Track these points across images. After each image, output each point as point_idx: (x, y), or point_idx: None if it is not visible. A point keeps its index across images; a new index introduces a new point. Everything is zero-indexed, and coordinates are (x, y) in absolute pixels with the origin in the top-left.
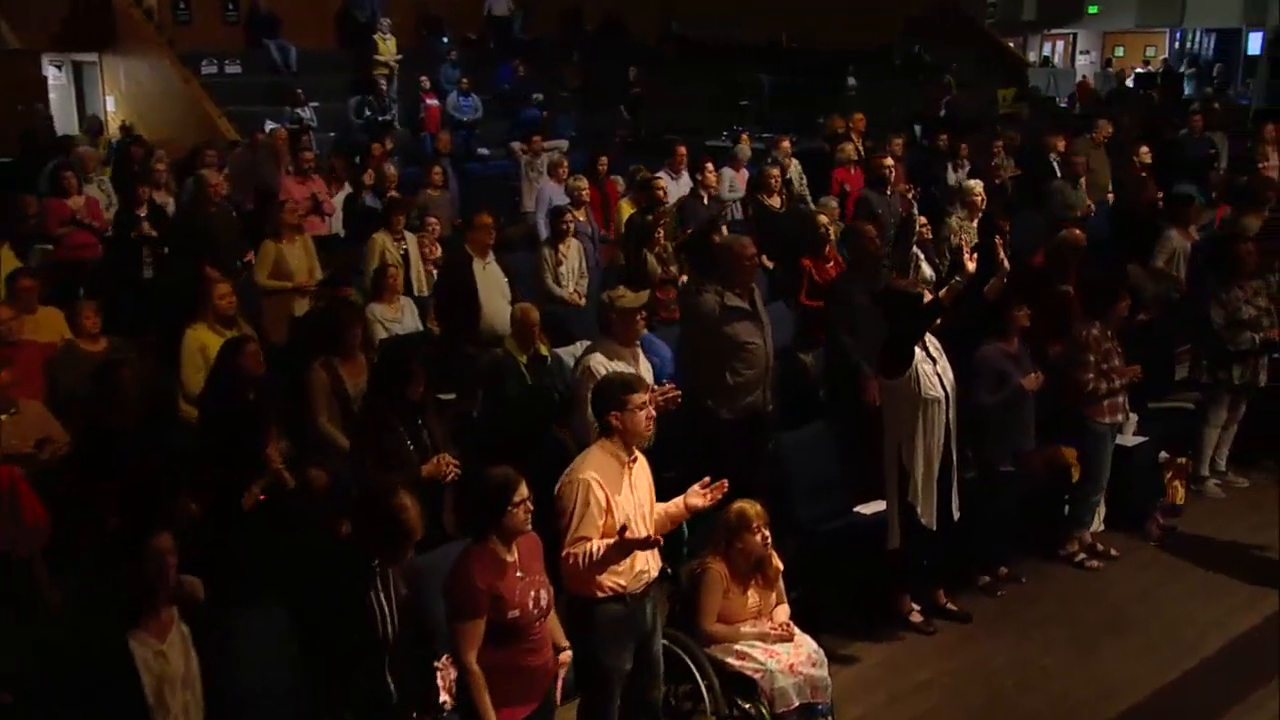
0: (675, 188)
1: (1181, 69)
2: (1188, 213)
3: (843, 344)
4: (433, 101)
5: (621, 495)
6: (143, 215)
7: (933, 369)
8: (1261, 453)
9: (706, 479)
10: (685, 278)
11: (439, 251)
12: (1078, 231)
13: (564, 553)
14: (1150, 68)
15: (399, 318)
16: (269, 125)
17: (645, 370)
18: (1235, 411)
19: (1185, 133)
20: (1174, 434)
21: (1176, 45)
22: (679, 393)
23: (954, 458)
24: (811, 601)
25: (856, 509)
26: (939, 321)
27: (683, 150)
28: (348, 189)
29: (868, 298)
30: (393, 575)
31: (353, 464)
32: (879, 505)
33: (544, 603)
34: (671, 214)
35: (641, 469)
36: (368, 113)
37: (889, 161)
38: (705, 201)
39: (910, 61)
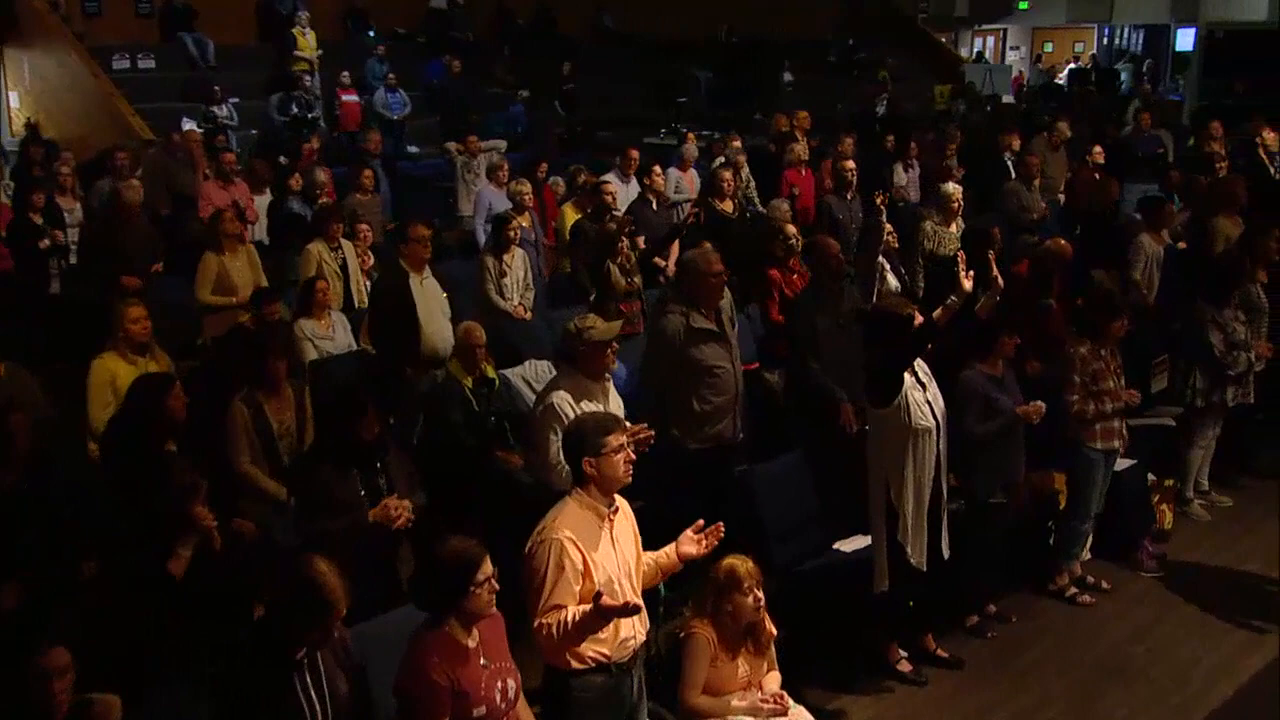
0: (625, 192)
1: (1117, 65)
2: (1161, 216)
3: (808, 368)
4: (350, 98)
5: (601, 552)
6: (39, 223)
7: (922, 396)
8: (1236, 470)
9: (700, 522)
10: None
11: (372, 260)
12: (1063, 241)
13: (536, 623)
14: (1080, 63)
15: (330, 334)
16: (186, 124)
17: (616, 405)
18: (1217, 429)
19: (1130, 130)
20: (1158, 454)
21: (1105, 41)
22: (651, 433)
23: (944, 491)
24: (791, 649)
25: (835, 546)
26: (931, 346)
27: (634, 153)
28: (270, 195)
29: (831, 318)
30: (324, 663)
31: (294, 513)
32: (859, 541)
33: (512, 694)
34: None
35: (624, 518)
36: (294, 110)
37: (850, 165)
38: (655, 207)
39: (845, 57)
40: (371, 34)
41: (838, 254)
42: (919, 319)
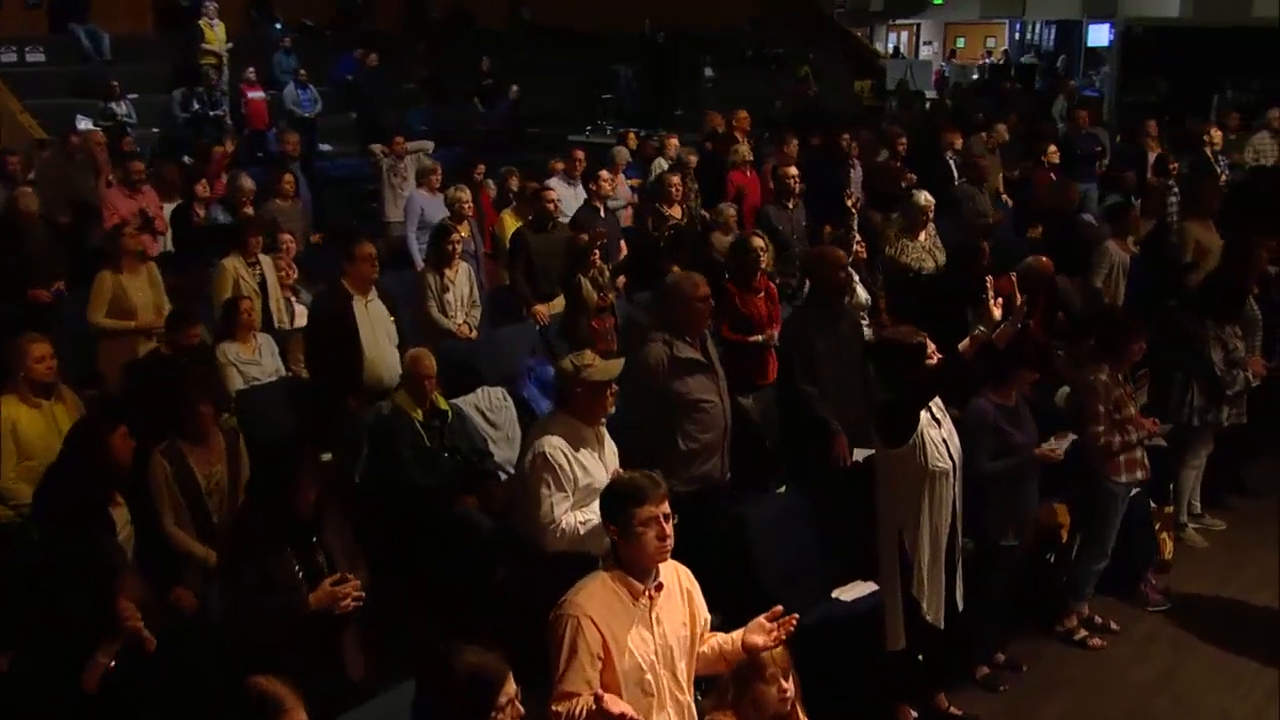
0: (572, 196)
1: (1022, 59)
2: (1126, 222)
3: (804, 396)
4: (256, 94)
5: (634, 634)
6: None
7: (939, 434)
8: (1224, 490)
9: (778, 609)
10: None
11: (296, 274)
12: (1045, 259)
13: (551, 706)
14: (993, 58)
15: (256, 358)
16: (81, 122)
17: (611, 453)
18: (1209, 448)
19: (1068, 128)
20: (1155, 478)
21: (1016, 36)
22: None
23: (959, 538)
24: None
25: (835, 594)
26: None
27: (580, 154)
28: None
29: (830, 339)
30: None
31: (223, 592)
32: (860, 588)
33: None
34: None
35: (674, 594)
36: (196, 106)
37: (794, 171)
38: (603, 214)
39: (762, 52)
40: (278, 26)
41: (842, 265)
42: (932, 348)
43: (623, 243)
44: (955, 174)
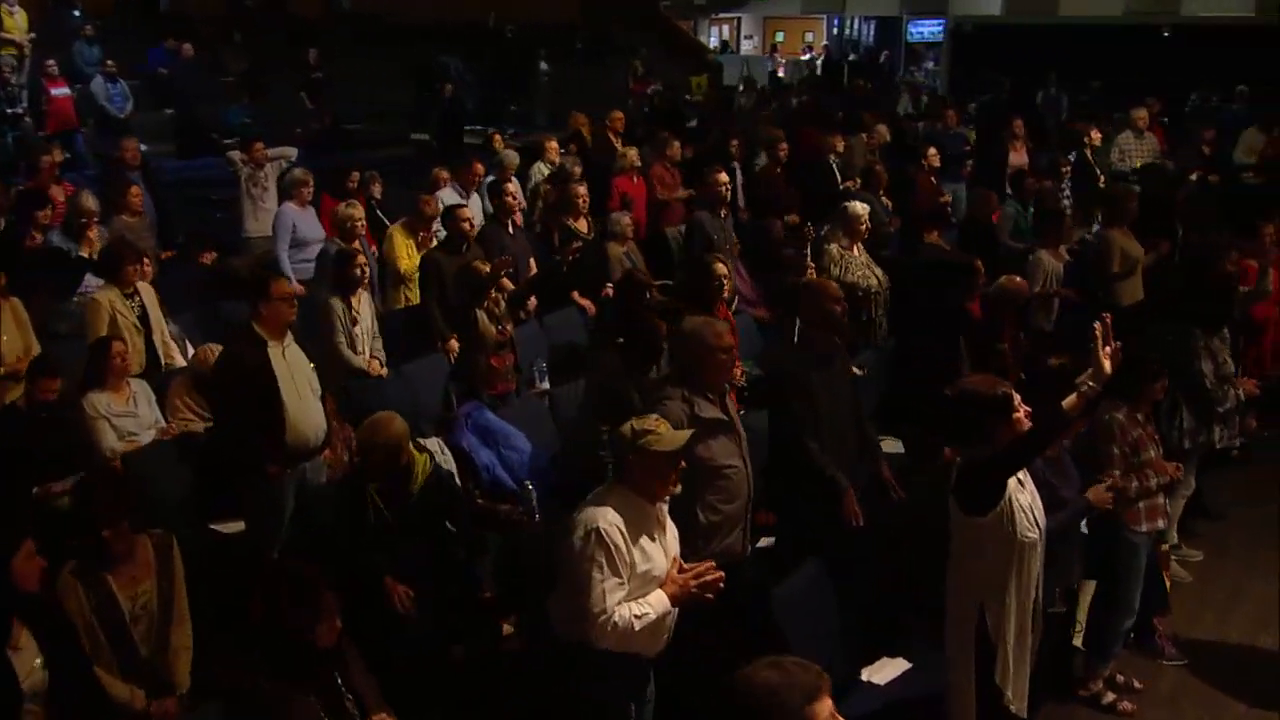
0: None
1: (867, 57)
2: (1059, 231)
3: (807, 451)
4: (60, 91)
5: None
6: None
7: (1027, 500)
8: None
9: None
10: None
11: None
12: (1018, 279)
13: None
14: (814, 53)
15: (131, 409)
16: None
17: (672, 539)
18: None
19: (938, 126)
20: None
21: (835, 31)
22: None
23: (1041, 617)
24: None
25: (864, 676)
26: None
27: (480, 168)
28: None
29: (828, 383)
30: None
31: None
32: (889, 668)
33: None
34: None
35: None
36: None
37: (724, 178)
38: (511, 230)
39: (593, 45)
40: (76, 13)
41: (840, 300)
42: (1018, 399)
43: (532, 260)
44: (838, 177)
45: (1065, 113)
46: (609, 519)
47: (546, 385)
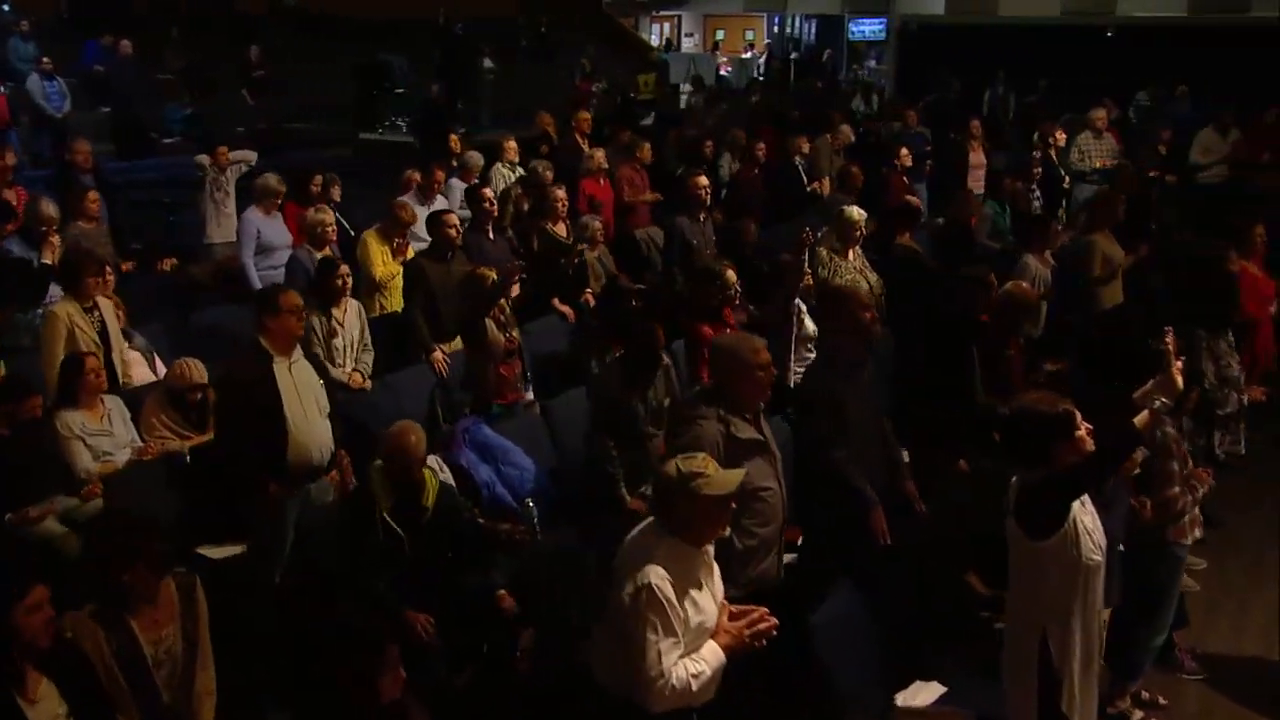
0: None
1: (807, 55)
2: (1046, 235)
3: (835, 463)
4: None
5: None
6: None
7: (1090, 521)
8: None
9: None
10: None
11: (125, 315)
12: (1025, 285)
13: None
14: (755, 52)
15: (106, 428)
16: None
17: (718, 582)
18: None
19: (897, 128)
20: None
21: (775, 30)
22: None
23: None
24: None
25: (900, 702)
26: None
27: (441, 173)
28: None
29: (858, 394)
30: None
31: None
32: (924, 691)
33: None
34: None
35: None
36: None
37: (704, 182)
38: (490, 236)
39: (536, 42)
40: (5, 8)
41: (870, 307)
42: (1079, 418)
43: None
44: (805, 179)
45: (1013, 111)
46: (660, 574)
47: (531, 395)
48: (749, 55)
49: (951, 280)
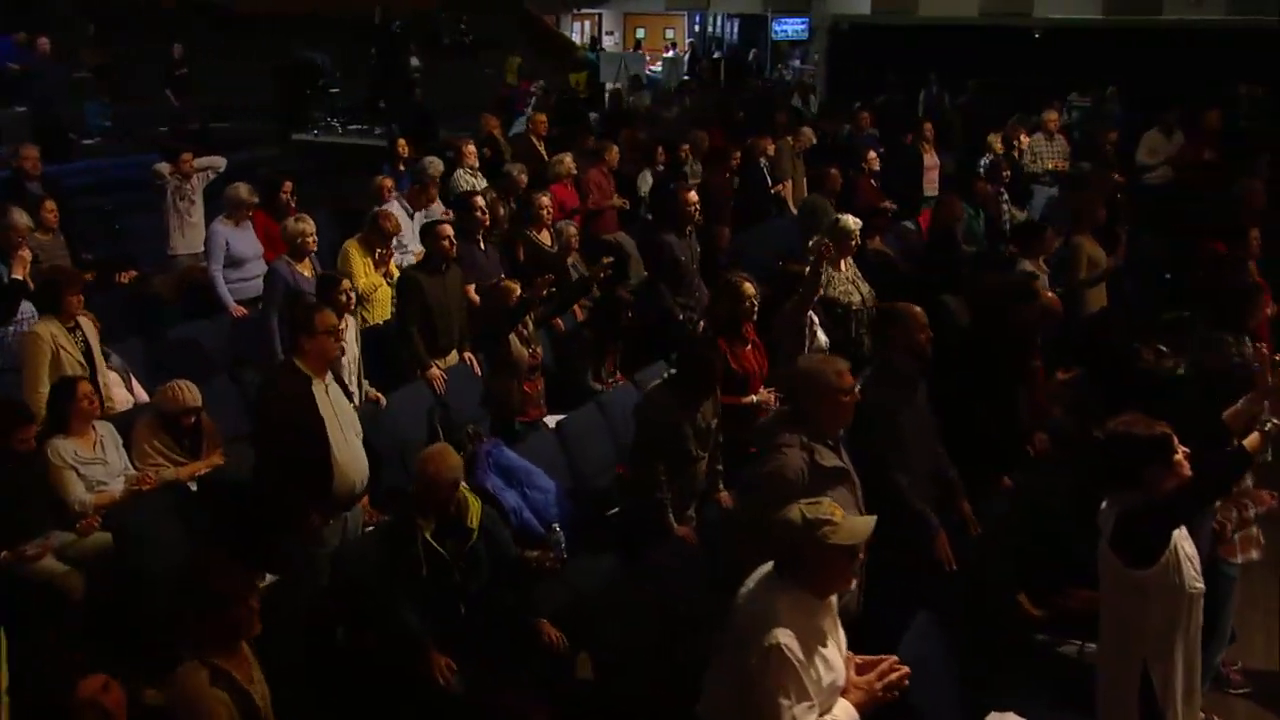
0: (409, 228)
1: (730, 53)
2: (1041, 242)
3: (896, 487)
4: None
5: None
6: None
7: (1191, 548)
8: None
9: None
10: None
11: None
12: (1051, 295)
13: None
14: (678, 50)
15: (99, 455)
16: None
17: (842, 633)
18: None
19: (836, 129)
20: None
21: (697, 29)
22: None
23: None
24: None
25: None
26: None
27: (388, 182)
28: None
29: (914, 414)
30: None
31: None
32: None
33: None
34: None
35: None
36: None
37: (693, 198)
38: (482, 246)
39: (458, 40)
40: None
41: (926, 327)
42: (1175, 439)
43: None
44: (769, 182)
45: (947, 112)
46: (788, 634)
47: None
48: (671, 54)
49: (984, 290)
